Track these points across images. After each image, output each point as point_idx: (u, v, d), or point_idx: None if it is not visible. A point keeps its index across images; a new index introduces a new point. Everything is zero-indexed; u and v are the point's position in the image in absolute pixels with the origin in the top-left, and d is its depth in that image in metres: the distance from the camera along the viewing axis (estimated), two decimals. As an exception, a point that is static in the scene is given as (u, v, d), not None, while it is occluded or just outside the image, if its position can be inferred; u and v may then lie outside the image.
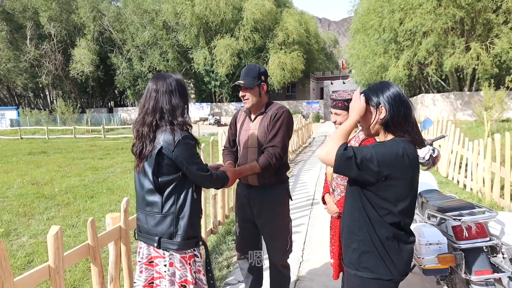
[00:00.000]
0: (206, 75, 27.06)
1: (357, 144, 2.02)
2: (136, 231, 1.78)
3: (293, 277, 2.83)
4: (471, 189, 5.42)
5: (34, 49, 28.03)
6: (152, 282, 1.72)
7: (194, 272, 1.68)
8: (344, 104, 2.05)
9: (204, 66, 26.11)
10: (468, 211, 2.16)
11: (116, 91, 36.49)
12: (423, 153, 1.50)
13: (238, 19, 25.57)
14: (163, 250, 1.65)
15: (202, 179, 1.68)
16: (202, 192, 2.29)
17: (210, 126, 24.33)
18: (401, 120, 1.35)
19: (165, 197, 1.62)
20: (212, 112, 28.05)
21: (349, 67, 23.18)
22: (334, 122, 2.15)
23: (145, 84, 30.39)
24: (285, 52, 24.85)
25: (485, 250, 2.13)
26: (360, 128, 2.12)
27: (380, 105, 1.37)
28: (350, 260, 1.42)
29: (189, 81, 30.09)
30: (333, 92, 2.14)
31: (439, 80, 19.90)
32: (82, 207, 5.27)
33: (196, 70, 26.92)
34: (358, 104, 1.40)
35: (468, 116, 19.20)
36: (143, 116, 1.64)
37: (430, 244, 2.13)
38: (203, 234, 3.41)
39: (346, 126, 1.38)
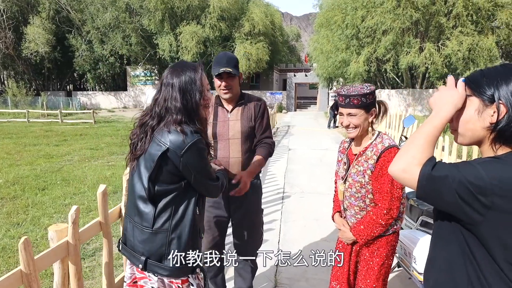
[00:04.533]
0: (171, 61, 26.49)
1: None
2: (120, 241, 1.48)
3: (270, 283, 2.75)
4: None
5: (-19, 24, 25.86)
6: None
7: None
8: (362, 101, 1.52)
9: (170, 52, 25.55)
10: None
11: (75, 74, 34.61)
12: None
13: (204, 6, 25.18)
14: (148, 273, 1.36)
15: (211, 188, 1.45)
16: None
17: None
18: None
19: (158, 209, 1.33)
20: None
21: (312, 60, 23.79)
22: (347, 126, 1.61)
23: (107, 68, 29.39)
24: (251, 42, 24.90)
25: None
26: (374, 133, 1.66)
27: (498, 101, 0.87)
28: None
29: (154, 67, 29.37)
30: (340, 88, 1.63)
31: (395, 77, 21.15)
32: (31, 201, 4.76)
33: (161, 56, 26.28)
34: (455, 92, 0.93)
35: (419, 112, 20.62)
36: (153, 107, 1.41)
37: None
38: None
39: (433, 126, 0.91)
